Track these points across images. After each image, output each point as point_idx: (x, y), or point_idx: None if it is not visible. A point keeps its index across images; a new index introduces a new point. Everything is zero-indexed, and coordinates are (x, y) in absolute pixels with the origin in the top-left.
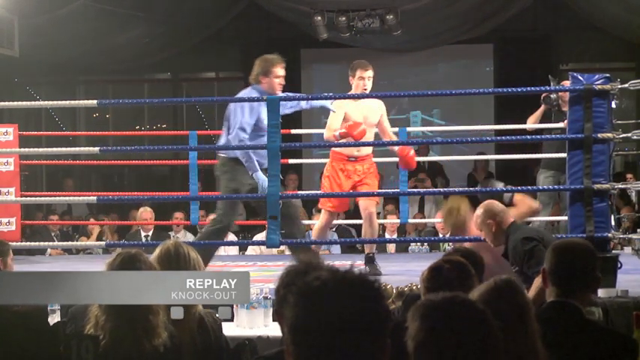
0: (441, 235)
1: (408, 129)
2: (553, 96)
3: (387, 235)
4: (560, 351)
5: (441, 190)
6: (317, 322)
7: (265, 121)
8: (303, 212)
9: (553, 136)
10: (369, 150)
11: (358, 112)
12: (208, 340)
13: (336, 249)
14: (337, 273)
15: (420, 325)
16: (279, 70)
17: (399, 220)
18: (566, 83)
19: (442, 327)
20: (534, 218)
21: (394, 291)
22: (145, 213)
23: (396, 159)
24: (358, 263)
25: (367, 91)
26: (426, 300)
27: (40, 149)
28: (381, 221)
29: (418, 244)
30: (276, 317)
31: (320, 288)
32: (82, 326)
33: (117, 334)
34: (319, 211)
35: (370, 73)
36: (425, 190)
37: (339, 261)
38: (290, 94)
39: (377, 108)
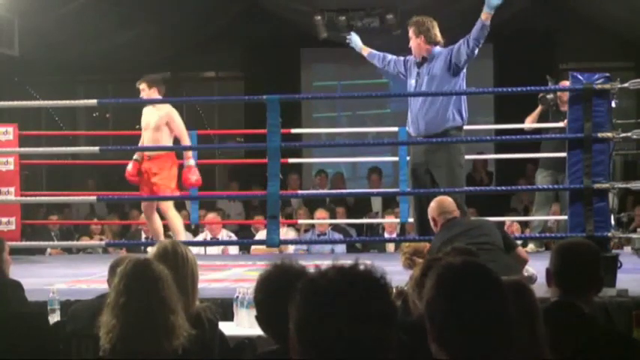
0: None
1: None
2: (550, 96)
3: (387, 235)
4: (562, 351)
5: (441, 189)
6: (324, 320)
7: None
8: (305, 212)
9: (553, 135)
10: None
11: (145, 116)
12: (202, 334)
13: (341, 248)
14: (343, 270)
15: (433, 283)
16: (140, 85)
17: (398, 220)
18: (566, 83)
19: (453, 287)
20: (533, 218)
21: (394, 290)
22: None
23: (396, 158)
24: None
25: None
26: (445, 261)
27: (40, 149)
28: (381, 221)
29: None
30: (257, 323)
31: (327, 286)
32: (82, 326)
33: (133, 337)
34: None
35: (143, 86)
36: (425, 189)
37: (342, 260)
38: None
39: (159, 113)
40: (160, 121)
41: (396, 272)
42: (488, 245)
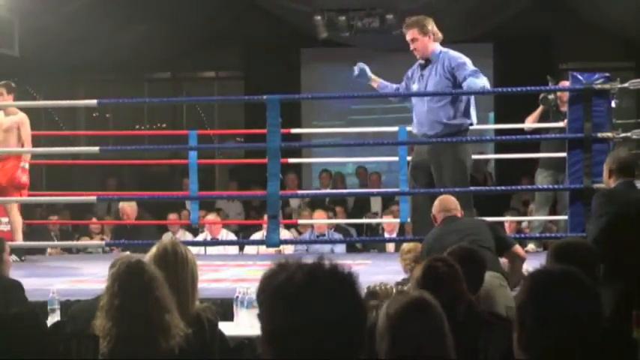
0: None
1: (409, 128)
2: (551, 96)
3: (387, 235)
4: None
5: (442, 189)
6: (292, 324)
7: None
8: (309, 212)
9: (553, 135)
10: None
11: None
12: (202, 334)
13: (341, 248)
14: (306, 270)
15: (526, 287)
16: None
17: (398, 220)
18: (566, 83)
19: (547, 293)
20: (533, 218)
21: (394, 291)
22: (125, 207)
23: (396, 158)
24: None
25: None
26: (543, 267)
27: (40, 149)
28: (380, 221)
29: None
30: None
31: (292, 290)
32: (82, 326)
33: (131, 338)
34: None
35: (1, 90)
36: (425, 189)
37: (342, 260)
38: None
39: (12, 118)
40: (12, 124)
41: (396, 272)
42: (476, 245)
